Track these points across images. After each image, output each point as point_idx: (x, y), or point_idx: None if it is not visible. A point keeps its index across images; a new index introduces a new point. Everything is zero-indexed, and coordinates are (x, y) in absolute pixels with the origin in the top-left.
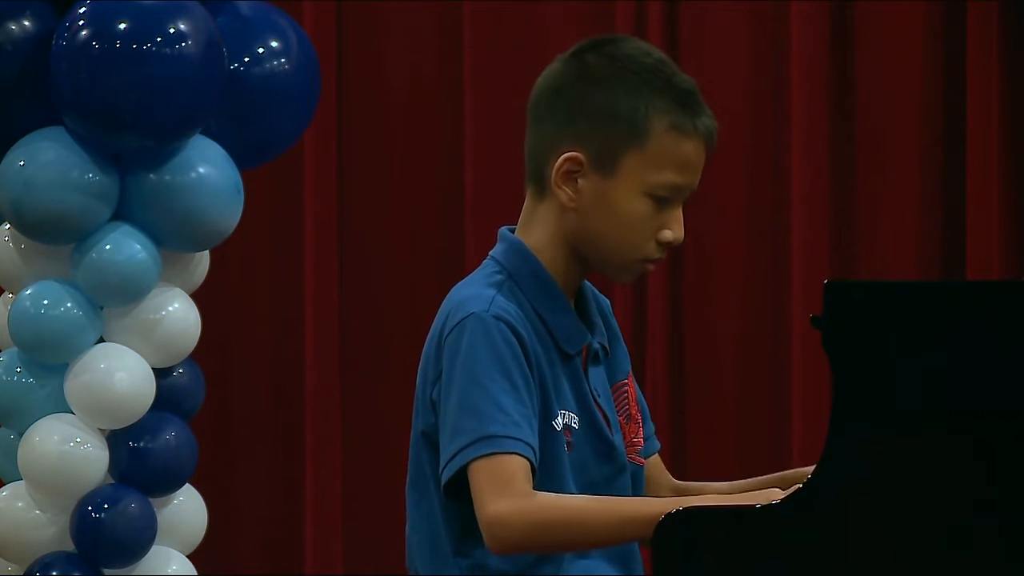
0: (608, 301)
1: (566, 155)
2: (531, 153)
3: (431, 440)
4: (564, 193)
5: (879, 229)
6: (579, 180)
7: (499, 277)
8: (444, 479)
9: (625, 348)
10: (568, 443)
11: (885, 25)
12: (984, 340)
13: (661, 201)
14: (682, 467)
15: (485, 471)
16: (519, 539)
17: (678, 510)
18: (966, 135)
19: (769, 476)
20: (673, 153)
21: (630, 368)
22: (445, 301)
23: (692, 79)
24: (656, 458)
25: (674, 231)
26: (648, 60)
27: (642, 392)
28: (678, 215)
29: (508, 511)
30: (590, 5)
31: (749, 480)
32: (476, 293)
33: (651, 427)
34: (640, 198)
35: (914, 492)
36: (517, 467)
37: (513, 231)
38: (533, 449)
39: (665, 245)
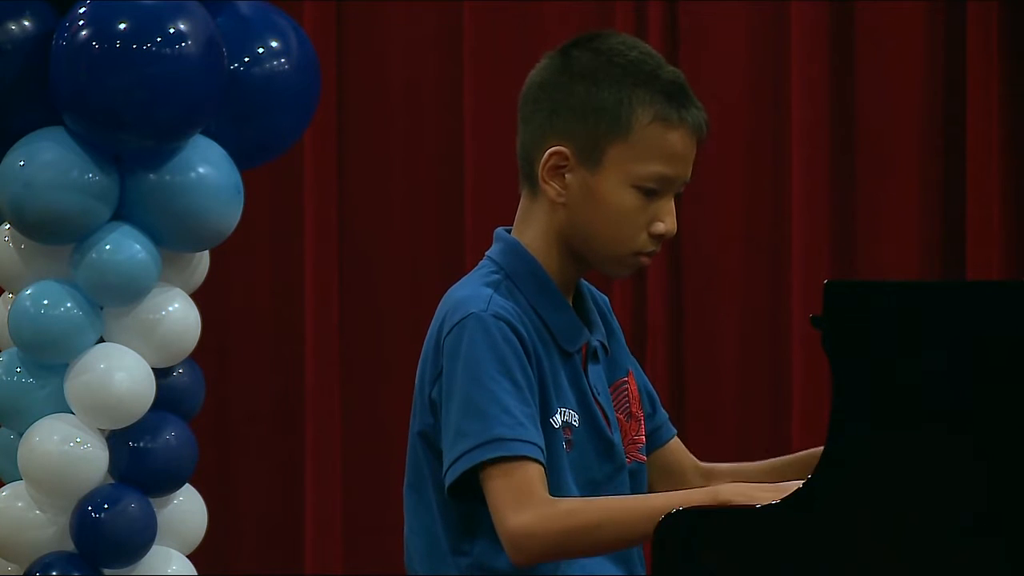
0: (607, 299)
1: (552, 150)
2: (522, 151)
3: (429, 440)
4: (552, 188)
5: (879, 229)
6: (566, 175)
7: (496, 277)
8: (449, 481)
9: (625, 345)
10: (567, 441)
11: (885, 25)
12: (984, 340)
13: (650, 193)
14: None
15: (501, 481)
16: (546, 549)
17: (678, 510)
18: (966, 135)
19: (799, 454)
20: (658, 144)
21: (631, 365)
22: (442, 301)
23: (679, 71)
24: (676, 442)
25: (666, 223)
26: (632, 53)
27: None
28: (670, 207)
29: (532, 522)
30: (590, 5)
31: (782, 458)
32: (474, 293)
33: (663, 415)
34: (627, 190)
35: (914, 492)
36: (533, 474)
37: (509, 231)
38: (542, 450)
39: (658, 238)
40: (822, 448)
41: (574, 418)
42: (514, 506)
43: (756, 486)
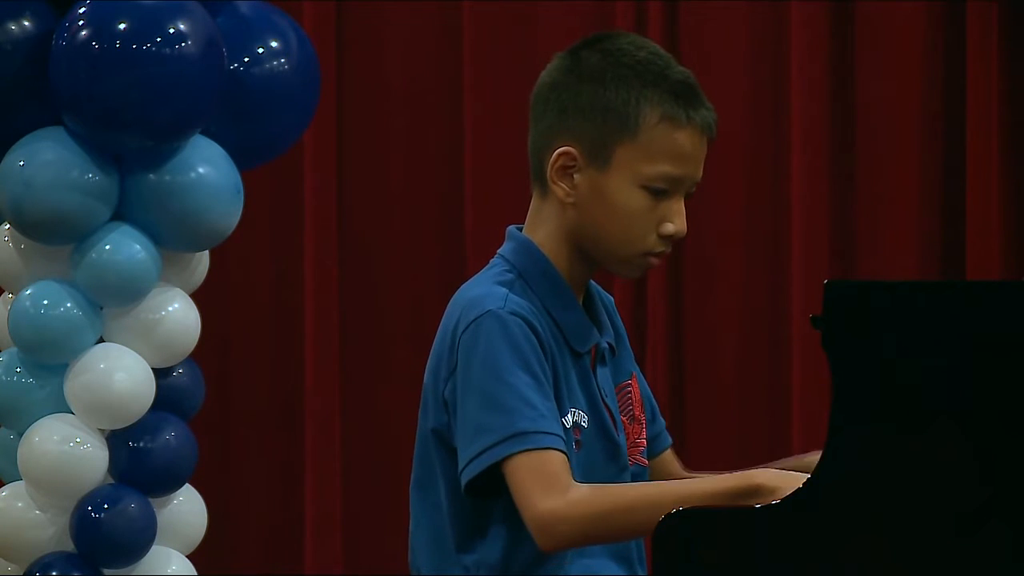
0: (612, 298)
1: (560, 150)
2: (532, 151)
3: (442, 438)
4: (560, 188)
5: (879, 229)
6: (575, 175)
7: (509, 276)
8: (469, 476)
9: (629, 347)
10: (577, 441)
11: (885, 25)
12: (984, 340)
13: (658, 193)
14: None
15: (527, 469)
16: (576, 532)
17: (678, 510)
18: (966, 135)
19: (779, 462)
20: (666, 144)
21: (634, 368)
22: (455, 299)
23: (688, 71)
24: (669, 454)
25: (675, 224)
26: (641, 54)
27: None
28: (679, 207)
29: (563, 506)
30: (590, 5)
31: (776, 463)
32: (489, 291)
33: (661, 423)
34: (635, 190)
35: (913, 492)
36: (559, 462)
37: (521, 229)
38: (564, 440)
39: (667, 238)
40: (813, 454)
41: (583, 419)
42: (542, 491)
43: (787, 474)
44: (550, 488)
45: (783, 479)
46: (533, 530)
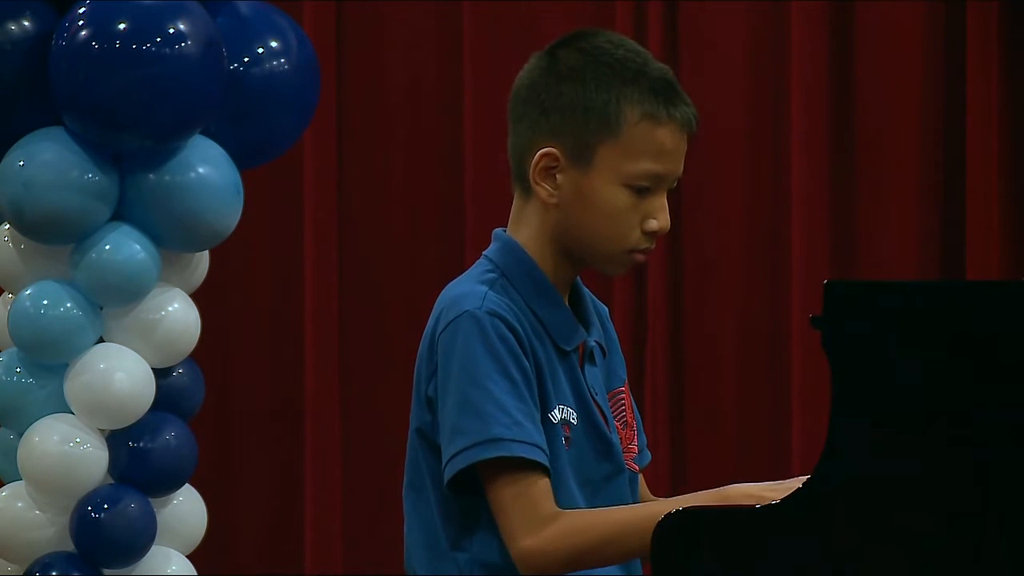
0: (607, 309)
1: (542, 151)
2: (513, 152)
3: (426, 437)
4: (544, 189)
5: (879, 229)
6: (557, 176)
7: (492, 275)
8: (447, 476)
9: (622, 357)
10: (566, 438)
11: (885, 25)
12: (984, 340)
13: (641, 191)
14: (682, 467)
15: (507, 490)
16: (559, 565)
17: (678, 510)
18: (966, 135)
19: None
20: (648, 142)
21: (626, 377)
22: (439, 299)
23: (667, 67)
24: (641, 476)
25: (659, 220)
26: (619, 52)
27: (638, 398)
28: (662, 203)
29: (544, 543)
30: (590, 5)
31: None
32: (469, 291)
33: (643, 440)
34: (619, 189)
35: (913, 492)
36: (540, 485)
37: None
38: (542, 449)
39: (652, 235)
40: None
41: (572, 415)
42: (524, 523)
43: (763, 486)
44: (532, 520)
45: (759, 493)
46: (515, 561)
